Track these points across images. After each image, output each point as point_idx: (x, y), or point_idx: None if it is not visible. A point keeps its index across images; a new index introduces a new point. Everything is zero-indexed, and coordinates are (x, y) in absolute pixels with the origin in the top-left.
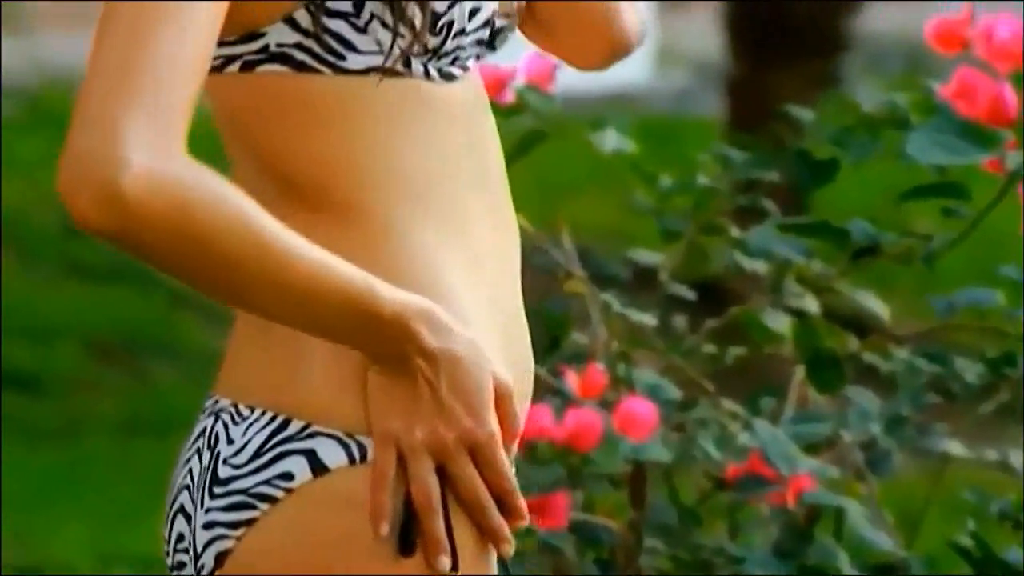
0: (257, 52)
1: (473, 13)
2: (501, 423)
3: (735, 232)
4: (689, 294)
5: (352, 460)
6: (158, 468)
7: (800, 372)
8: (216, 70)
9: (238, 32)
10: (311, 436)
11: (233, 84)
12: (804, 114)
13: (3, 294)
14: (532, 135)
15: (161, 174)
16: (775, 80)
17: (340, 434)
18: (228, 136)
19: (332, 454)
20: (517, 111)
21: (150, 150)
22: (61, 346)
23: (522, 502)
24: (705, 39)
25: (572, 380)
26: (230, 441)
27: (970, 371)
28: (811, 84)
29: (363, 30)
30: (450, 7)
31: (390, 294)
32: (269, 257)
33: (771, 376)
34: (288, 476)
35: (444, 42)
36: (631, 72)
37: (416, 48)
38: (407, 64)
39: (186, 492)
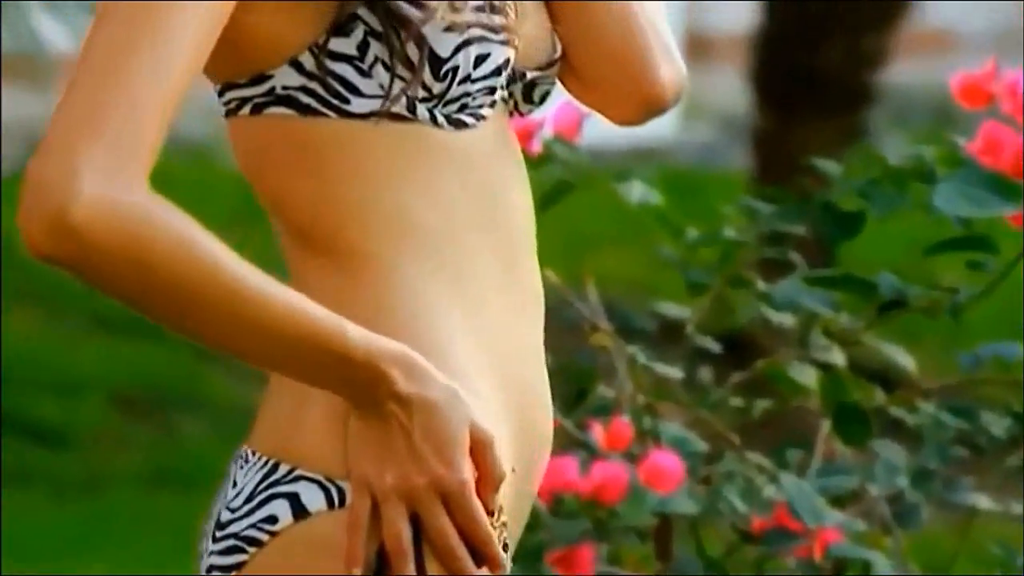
0: (264, 95)
1: (481, 59)
2: (481, 473)
3: (761, 285)
4: (715, 347)
5: (331, 504)
6: (183, 521)
7: (826, 425)
8: (231, 112)
9: (247, 74)
10: (296, 480)
11: (245, 127)
12: (830, 167)
13: (29, 348)
14: (559, 187)
15: (112, 203)
16: (801, 133)
17: (322, 478)
18: (249, 178)
19: (313, 498)
20: (544, 162)
21: (105, 181)
22: (87, 399)
23: (498, 550)
24: (731, 93)
25: (598, 433)
26: (234, 485)
27: (996, 425)
28: (837, 137)
29: (367, 74)
30: (455, 52)
31: (363, 337)
32: (234, 295)
33: (797, 429)
34: (273, 519)
35: (449, 88)
36: (657, 125)
37: (416, 90)
38: (412, 109)
39: (206, 538)
